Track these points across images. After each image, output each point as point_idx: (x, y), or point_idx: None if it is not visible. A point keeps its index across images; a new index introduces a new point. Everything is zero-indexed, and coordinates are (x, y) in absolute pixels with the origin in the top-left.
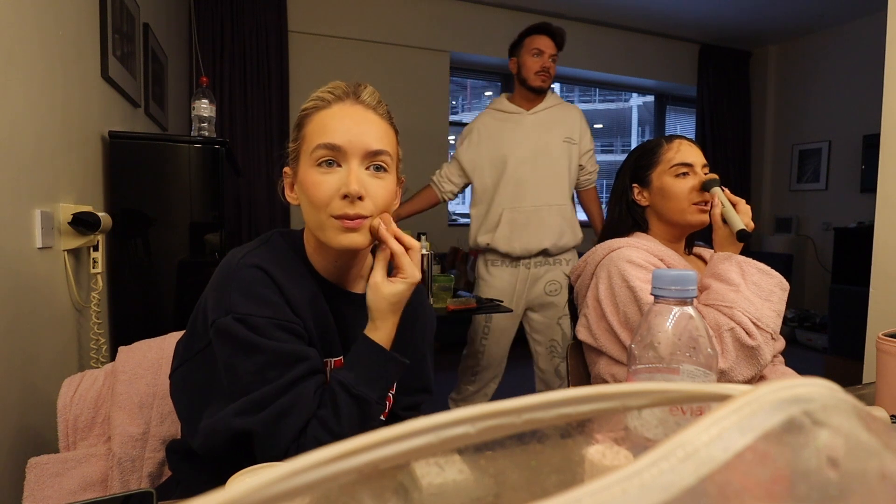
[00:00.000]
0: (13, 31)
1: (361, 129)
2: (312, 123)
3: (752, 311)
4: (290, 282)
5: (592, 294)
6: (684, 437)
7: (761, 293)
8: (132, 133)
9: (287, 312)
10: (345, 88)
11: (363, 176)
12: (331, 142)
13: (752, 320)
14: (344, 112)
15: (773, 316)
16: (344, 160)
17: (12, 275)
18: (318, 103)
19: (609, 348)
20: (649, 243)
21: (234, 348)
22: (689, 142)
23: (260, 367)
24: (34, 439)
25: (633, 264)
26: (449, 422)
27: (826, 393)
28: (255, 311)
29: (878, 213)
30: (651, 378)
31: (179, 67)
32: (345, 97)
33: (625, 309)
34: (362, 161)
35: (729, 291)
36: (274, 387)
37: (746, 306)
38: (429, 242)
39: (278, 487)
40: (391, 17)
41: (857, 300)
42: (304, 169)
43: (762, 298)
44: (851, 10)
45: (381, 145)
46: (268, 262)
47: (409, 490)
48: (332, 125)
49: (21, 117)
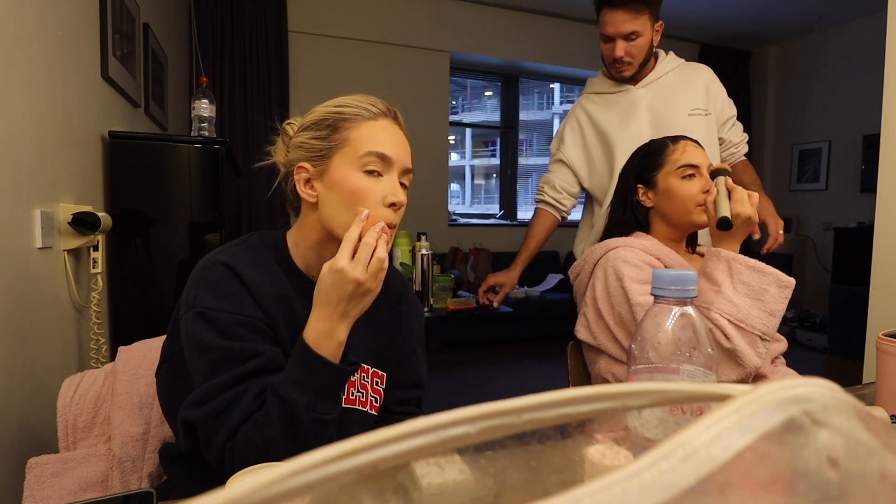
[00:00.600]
0: (13, 32)
1: (403, 148)
2: (359, 129)
3: (731, 312)
4: (260, 279)
5: (591, 293)
6: (684, 437)
7: (751, 292)
8: (132, 133)
9: (250, 308)
10: (385, 107)
11: (398, 189)
12: (384, 152)
13: (731, 321)
14: (390, 128)
15: (763, 316)
16: (387, 172)
17: (12, 275)
18: (362, 112)
19: (608, 347)
20: (647, 242)
21: (192, 344)
22: (693, 143)
23: (211, 363)
24: (34, 439)
25: (628, 264)
26: (449, 422)
27: (826, 393)
28: (216, 305)
29: (878, 213)
30: (651, 378)
31: (179, 67)
32: (388, 114)
33: (619, 308)
34: (400, 175)
35: (709, 291)
36: (218, 382)
37: (726, 307)
38: (428, 242)
39: (278, 487)
40: (391, 17)
41: (857, 300)
42: (346, 170)
43: (752, 298)
44: (851, 10)
45: (411, 164)
46: (238, 260)
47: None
48: (384, 138)
49: (21, 117)
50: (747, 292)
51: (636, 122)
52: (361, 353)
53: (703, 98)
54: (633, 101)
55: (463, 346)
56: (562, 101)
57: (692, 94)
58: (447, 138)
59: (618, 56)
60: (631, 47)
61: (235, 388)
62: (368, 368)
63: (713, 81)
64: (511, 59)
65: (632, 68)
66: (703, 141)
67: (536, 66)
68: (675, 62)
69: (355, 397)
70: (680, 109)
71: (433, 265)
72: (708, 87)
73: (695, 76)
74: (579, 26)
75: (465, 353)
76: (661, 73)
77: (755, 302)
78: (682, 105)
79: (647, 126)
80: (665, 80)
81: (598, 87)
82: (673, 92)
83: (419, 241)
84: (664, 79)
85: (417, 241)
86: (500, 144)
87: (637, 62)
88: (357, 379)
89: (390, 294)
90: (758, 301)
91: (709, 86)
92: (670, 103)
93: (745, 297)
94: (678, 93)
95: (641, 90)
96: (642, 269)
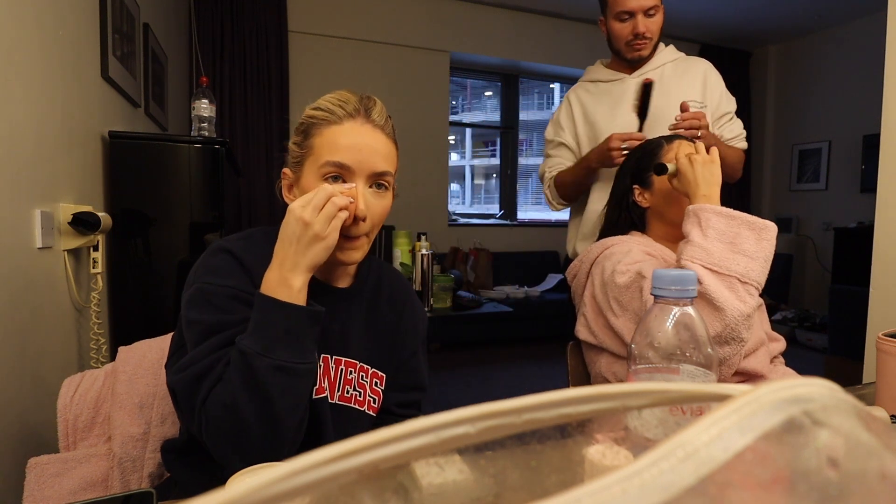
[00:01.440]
0: (13, 32)
1: (370, 151)
2: (322, 136)
3: (701, 256)
4: (258, 265)
5: (589, 292)
6: (684, 437)
7: (722, 237)
8: (132, 133)
9: (245, 284)
10: (356, 105)
11: (367, 195)
12: (341, 161)
13: (702, 265)
14: (354, 131)
15: (739, 258)
16: (350, 179)
17: (12, 275)
18: (328, 116)
19: (609, 345)
20: (642, 240)
21: (185, 318)
22: (689, 142)
23: (201, 333)
24: (34, 439)
25: (626, 254)
26: (449, 422)
27: (826, 393)
28: (212, 280)
29: (878, 213)
30: (651, 378)
31: (179, 67)
32: (356, 115)
33: (613, 293)
34: (367, 181)
35: (682, 244)
36: (203, 348)
37: (696, 253)
38: (428, 242)
39: (278, 487)
40: (391, 17)
41: (857, 300)
42: (309, 179)
43: (724, 242)
44: (851, 10)
45: (386, 166)
46: (239, 248)
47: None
48: (343, 144)
49: (21, 117)
50: (718, 237)
51: (626, 111)
52: (361, 353)
53: (700, 91)
54: (626, 90)
55: (463, 346)
56: (562, 101)
57: (687, 86)
58: (447, 138)
59: (640, 31)
60: (650, 23)
61: (216, 354)
62: (368, 368)
63: (711, 74)
64: (511, 59)
65: (650, 46)
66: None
67: (536, 66)
68: (673, 54)
69: (351, 395)
70: (673, 100)
71: (433, 265)
72: (705, 80)
73: (692, 68)
74: (579, 26)
75: (465, 353)
76: (658, 63)
77: (728, 245)
78: (675, 96)
79: (636, 115)
80: (661, 71)
81: (594, 75)
82: (668, 83)
83: (419, 241)
84: (661, 70)
85: (417, 241)
86: (500, 144)
87: (654, 40)
88: (355, 378)
89: (393, 295)
90: (731, 244)
91: (706, 78)
92: (664, 94)
93: (717, 241)
94: (673, 84)
95: (636, 80)
96: (640, 259)
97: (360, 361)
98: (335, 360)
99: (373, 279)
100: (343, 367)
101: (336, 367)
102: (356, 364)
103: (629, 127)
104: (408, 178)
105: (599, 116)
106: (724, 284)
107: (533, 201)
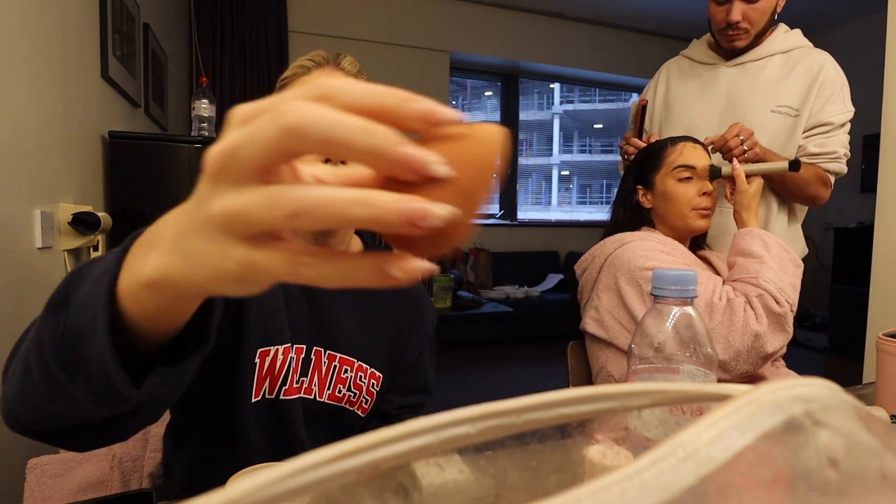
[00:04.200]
0: (14, 32)
1: None
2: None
3: (776, 280)
4: None
5: (605, 285)
6: (684, 438)
7: (781, 266)
8: (132, 133)
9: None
10: (324, 55)
11: None
12: None
13: (777, 288)
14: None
15: (791, 289)
16: None
17: (12, 275)
18: (297, 70)
19: (621, 340)
20: (659, 236)
21: None
22: (693, 143)
23: None
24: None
25: (654, 250)
26: (449, 422)
27: (826, 393)
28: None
29: (878, 213)
30: (651, 378)
31: (179, 67)
32: (325, 63)
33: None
34: None
35: (752, 263)
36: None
37: (771, 276)
38: None
39: (278, 487)
40: (391, 17)
41: (857, 300)
42: None
43: (783, 272)
44: (851, 10)
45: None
46: None
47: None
48: None
49: (21, 117)
50: (780, 265)
51: (709, 104)
52: (358, 349)
53: (801, 93)
54: (716, 81)
55: (463, 346)
56: (562, 101)
57: (788, 88)
58: None
59: (733, 20)
60: (751, 10)
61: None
62: (367, 368)
63: (827, 75)
64: (511, 59)
65: (747, 37)
66: (781, 143)
67: (536, 66)
68: (786, 44)
69: (344, 395)
70: (762, 102)
71: None
72: (814, 81)
73: (804, 65)
74: (579, 26)
75: (465, 353)
76: (763, 54)
77: (784, 275)
78: (768, 98)
79: (718, 112)
80: (765, 63)
81: (692, 52)
82: (766, 80)
83: None
84: (762, 62)
85: None
86: None
87: (755, 30)
88: (351, 377)
89: (399, 293)
90: (784, 274)
91: (817, 79)
92: (756, 92)
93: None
94: (771, 82)
95: (731, 69)
96: (663, 255)
97: (357, 360)
98: (328, 355)
99: None
100: (337, 363)
101: (329, 364)
102: (353, 362)
103: (705, 119)
104: None
105: (679, 99)
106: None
107: (533, 201)
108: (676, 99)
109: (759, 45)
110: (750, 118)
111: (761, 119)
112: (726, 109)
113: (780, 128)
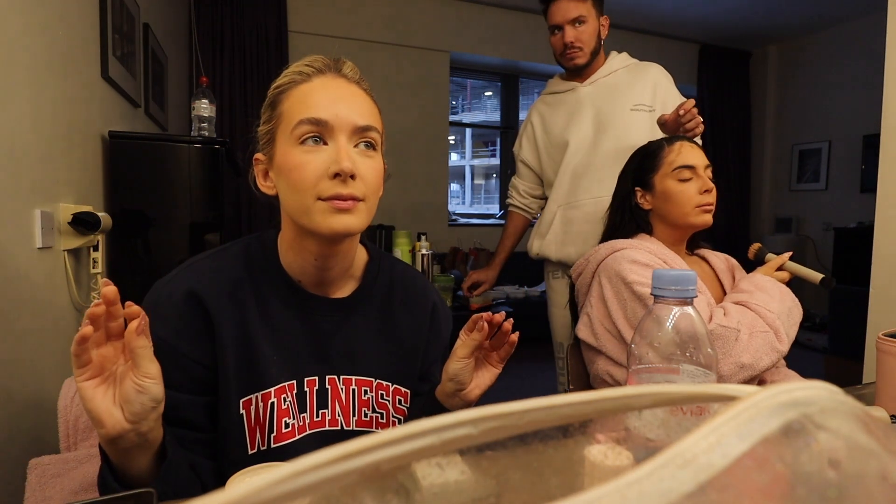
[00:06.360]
0: (14, 32)
1: (348, 104)
2: (291, 98)
3: (785, 325)
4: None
5: (596, 294)
6: (683, 446)
7: (789, 314)
8: (132, 133)
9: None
10: (324, 61)
11: (352, 153)
12: (315, 116)
13: (784, 331)
14: (327, 84)
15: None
16: (330, 137)
17: (12, 275)
18: (295, 77)
19: (609, 349)
20: (652, 245)
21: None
22: (690, 143)
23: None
24: (35, 440)
25: (638, 263)
26: (451, 423)
27: (825, 396)
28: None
29: (878, 213)
30: (651, 378)
31: (179, 67)
32: (326, 70)
33: (632, 305)
34: (350, 138)
35: (773, 302)
36: None
37: (784, 320)
38: (428, 242)
39: (279, 489)
40: (391, 17)
41: (857, 300)
42: (285, 149)
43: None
44: (851, 10)
45: (369, 121)
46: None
47: (411, 491)
48: (316, 98)
49: (21, 117)
50: (789, 315)
51: (580, 120)
52: (375, 368)
53: (650, 95)
54: (579, 100)
55: None
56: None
57: (638, 91)
58: (447, 138)
59: (568, 41)
60: (579, 33)
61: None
62: (388, 385)
63: (662, 79)
64: (511, 59)
65: (583, 55)
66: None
67: (536, 65)
68: (625, 61)
69: (371, 418)
70: (622, 104)
71: (433, 265)
72: (656, 85)
73: (643, 73)
74: None
75: None
76: (609, 70)
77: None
78: (625, 100)
79: (589, 123)
80: (613, 77)
81: (552, 88)
82: (618, 88)
83: (419, 241)
84: (612, 76)
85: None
86: (500, 144)
87: (588, 49)
88: (372, 398)
89: (409, 297)
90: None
91: (657, 83)
92: (613, 99)
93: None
94: (623, 89)
95: (587, 88)
96: (651, 267)
97: (375, 378)
98: (344, 380)
99: (383, 281)
100: (355, 387)
101: (347, 389)
102: (371, 382)
103: (583, 134)
104: (408, 178)
105: (557, 127)
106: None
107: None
108: (555, 127)
109: (602, 65)
110: (616, 119)
111: (625, 117)
112: (595, 118)
113: (641, 122)
